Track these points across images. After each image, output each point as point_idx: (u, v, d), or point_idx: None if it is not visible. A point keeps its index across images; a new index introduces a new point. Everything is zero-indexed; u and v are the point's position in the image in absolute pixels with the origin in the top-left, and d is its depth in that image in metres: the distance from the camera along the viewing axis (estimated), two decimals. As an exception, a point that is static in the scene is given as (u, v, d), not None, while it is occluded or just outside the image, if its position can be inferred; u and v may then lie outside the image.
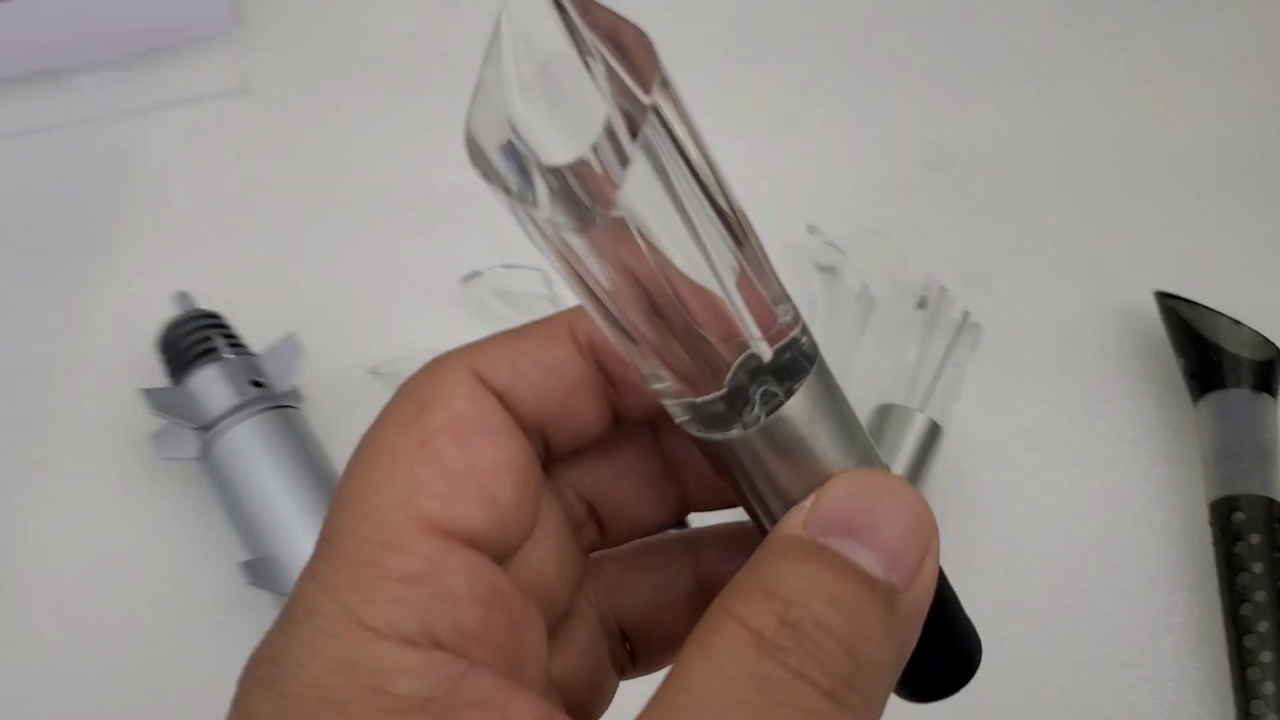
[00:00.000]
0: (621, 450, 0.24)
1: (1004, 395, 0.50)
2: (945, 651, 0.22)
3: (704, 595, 0.24)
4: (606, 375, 0.22)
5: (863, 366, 0.48)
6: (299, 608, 0.19)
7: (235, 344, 0.45)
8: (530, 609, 0.21)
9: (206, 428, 0.43)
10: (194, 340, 0.45)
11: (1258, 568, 0.42)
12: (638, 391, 0.22)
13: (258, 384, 0.44)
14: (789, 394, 0.19)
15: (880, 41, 0.60)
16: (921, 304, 0.48)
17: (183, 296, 0.47)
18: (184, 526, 0.46)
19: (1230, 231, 0.54)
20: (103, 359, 0.50)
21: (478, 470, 0.20)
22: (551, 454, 0.22)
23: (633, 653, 0.24)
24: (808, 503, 0.20)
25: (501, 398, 0.21)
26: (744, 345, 0.19)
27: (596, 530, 0.24)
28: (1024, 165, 0.56)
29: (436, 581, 0.19)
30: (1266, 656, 0.41)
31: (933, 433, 0.45)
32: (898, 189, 0.55)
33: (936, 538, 0.20)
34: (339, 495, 0.20)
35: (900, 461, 0.45)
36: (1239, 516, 0.43)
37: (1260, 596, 0.42)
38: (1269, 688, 0.41)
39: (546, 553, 0.22)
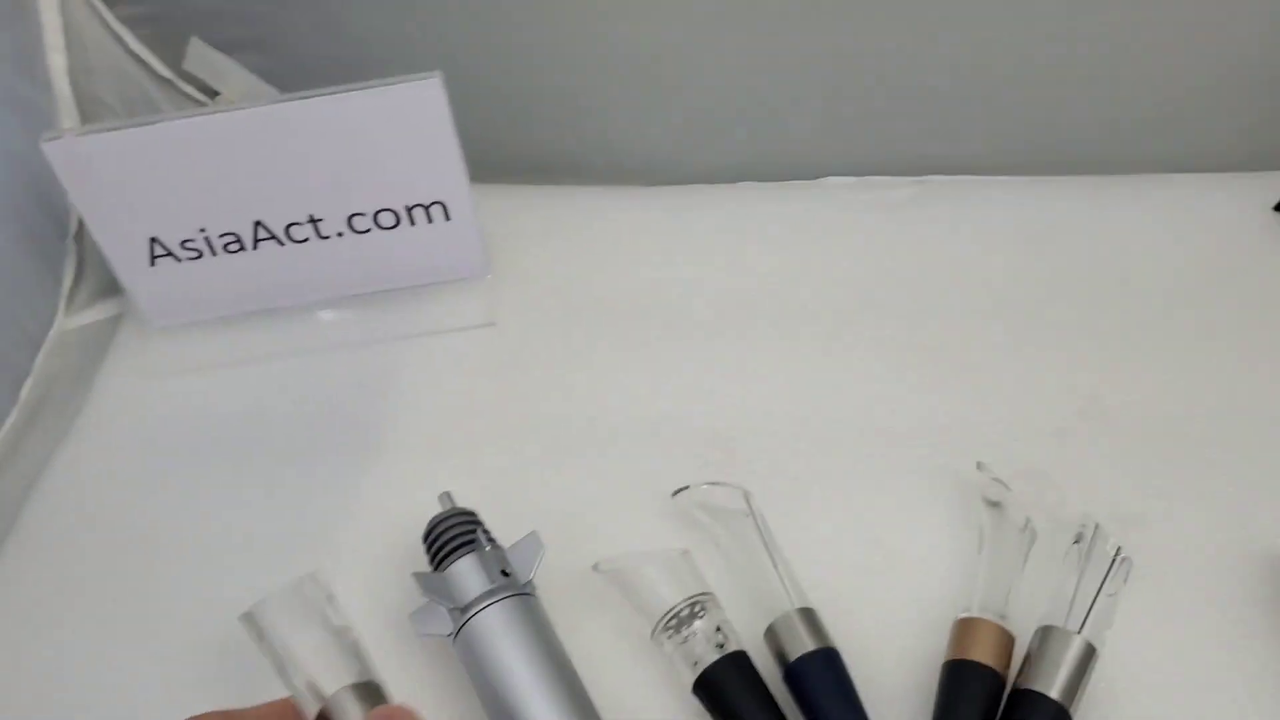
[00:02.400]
0: None
1: (1156, 624, 0.55)
2: None
3: None
4: None
5: (1024, 592, 0.54)
6: None
7: (490, 538, 0.54)
8: None
9: (463, 610, 0.51)
10: (457, 533, 0.54)
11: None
12: None
13: (505, 574, 0.52)
14: None
15: (1038, 299, 0.68)
16: (1078, 539, 0.54)
17: (445, 496, 0.56)
18: (435, 696, 0.54)
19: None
20: (369, 547, 0.60)
21: None
22: None
23: None
24: None
25: None
26: None
27: None
28: (1172, 416, 0.62)
29: None
30: None
31: (1088, 654, 0.50)
32: (1055, 434, 0.62)
33: None
34: None
35: (1058, 680, 0.50)
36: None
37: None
38: None
39: None
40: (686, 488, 0.59)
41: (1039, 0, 0.67)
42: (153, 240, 0.65)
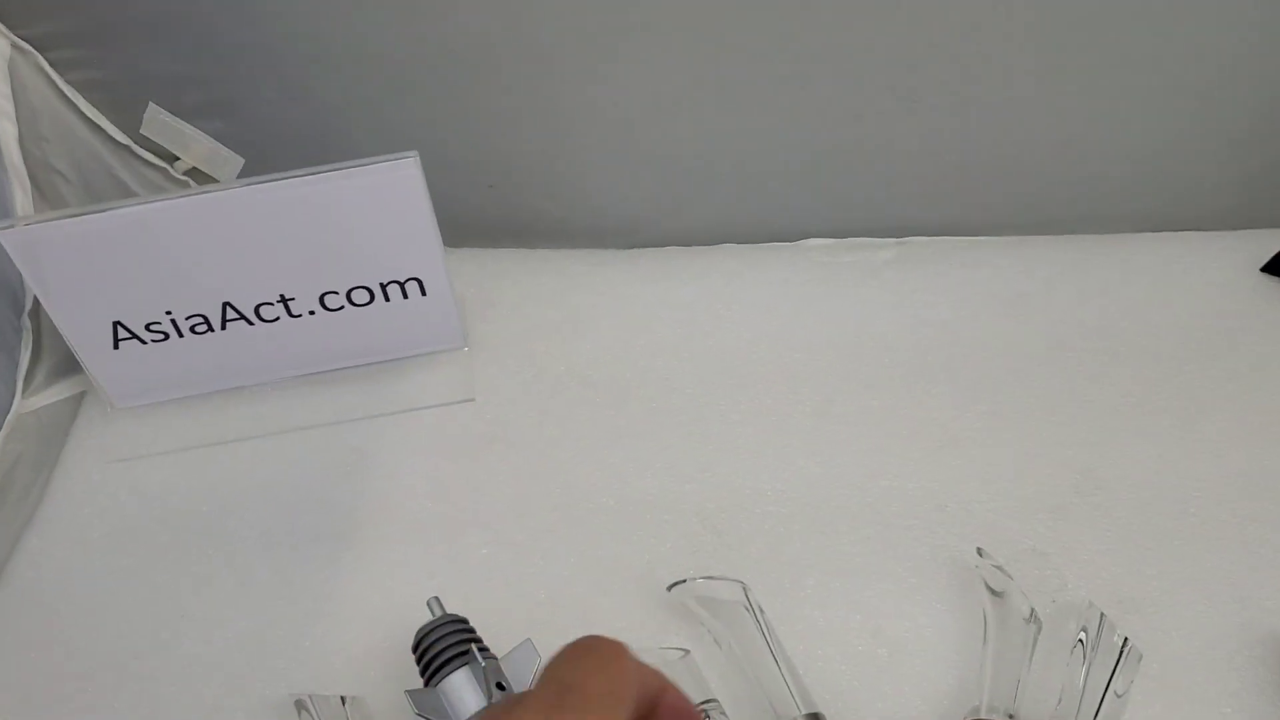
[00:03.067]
0: None
1: (1158, 713, 0.54)
2: None
3: None
4: None
5: (1032, 685, 0.53)
6: None
7: (482, 648, 0.52)
8: None
9: (458, 727, 0.49)
10: (448, 645, 0.51)
11: None
12: None
13: (501, 687, 0.51)
14: None
15: (1026, 366, 0.67)
16: (1084, 630, 0.54)
17: (434, 602, 0.54)
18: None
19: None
20: (353, 647, 0.57)
21: None
22: None
23: None
24: None
25: None
26: None
27: None
28: (1168, 491, 0.61)
29: None
30: None
31: None
32: (1052, 512, 0.61)
33: None
34: None
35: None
36: None
37: None
38: None
39: None
40: (682, 581, 0.57)
41: (1021, 62, 0.66)
42: (116, 324, 0.63)
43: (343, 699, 0.53)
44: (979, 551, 0.56)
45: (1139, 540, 0.60)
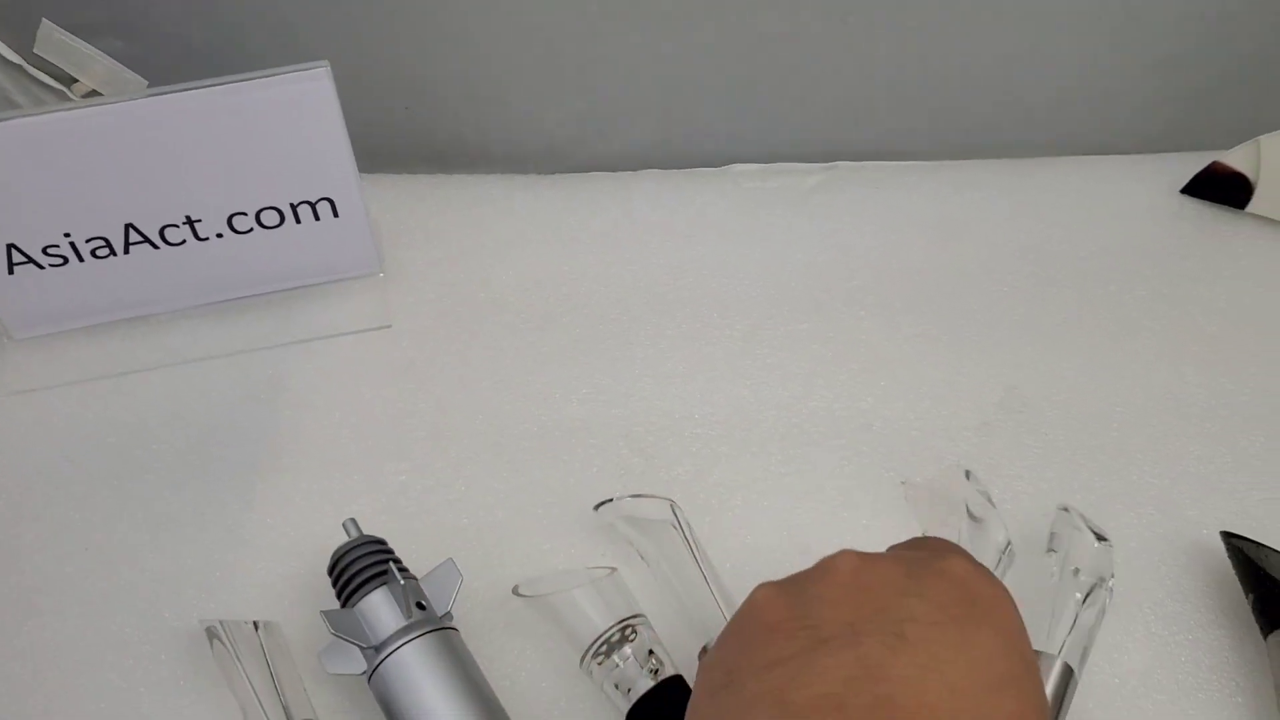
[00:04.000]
0: None
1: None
2: None
3: None
4: None
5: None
6: None
7: (402, 568, 0.50)
8: None
9: (377, 649, 0.48)
10: (366, 565, 0.50)
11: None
12: None
13: (421, 606, 0.49)
14: None
15: (952, 288, 0.67)
16: (1052, 546, 0.53)
17: (351, 523, 0.52)
18: (347, 737, 0.50)
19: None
20: (267, 575, 0.55)
21: None
22: None
23: None
24: None
25: None
26: None
27: None
28: (1092, 407, 0.61)
29: None
30: None
31: (1066, 676, 0.49)
32: (978, 429, 0.61)
33: None
34: None
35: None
36: (1313, 747, 0.47)
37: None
38: None
39: None
40: (610, 500, 0.56)
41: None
42: (10, 247, 0.60)
43: (255, 624, 0.51)
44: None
45: (1064, 456, 0.60)
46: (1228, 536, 0.54)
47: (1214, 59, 0.70)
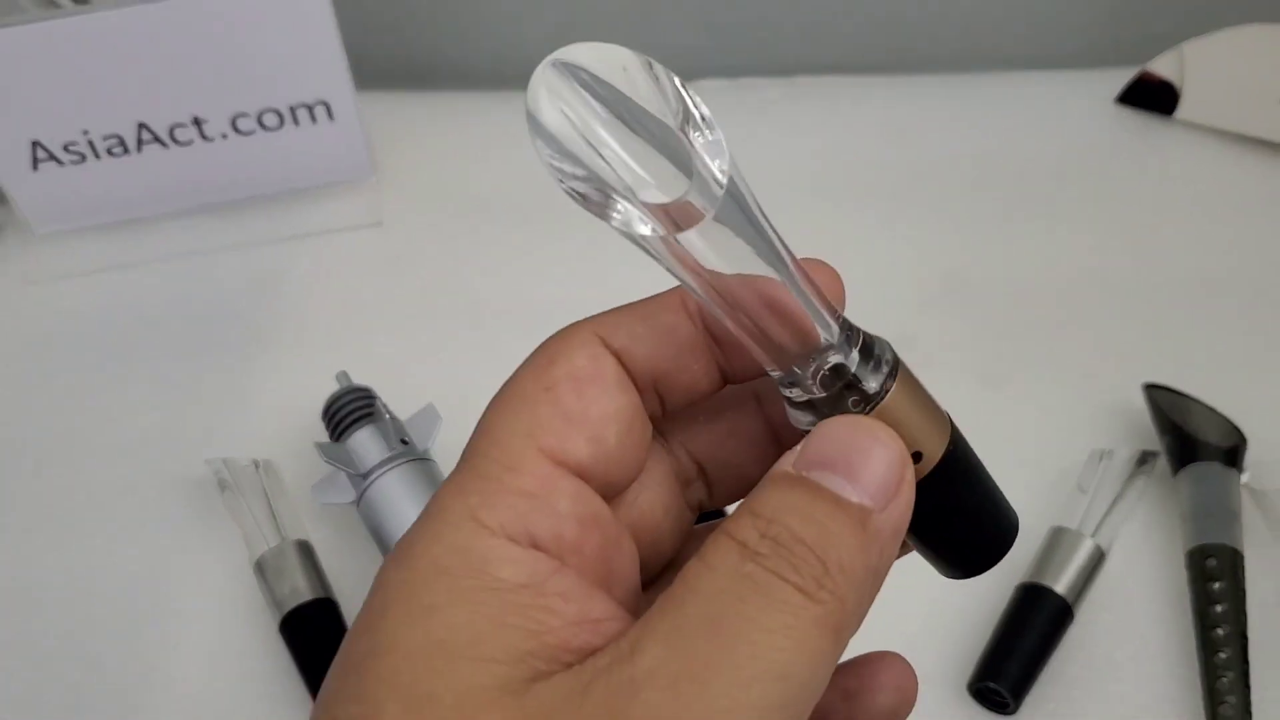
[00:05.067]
0: (728, 414, 0.28)
1: (1013, 471, 0.59)
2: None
3: (773, 435, 0.28)
4: (714, 339, 0.26)
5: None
6: (434, 505, 0.24)
7: (386, 410, 0.56)
8: (625, 538, 0.26)
9: (364, 476, 0.53)
10: (355, 406, 0.55)
11: (1224, 605, 0.51)
12: (743, 354, 0.26)
13: (404, 442, 0.54)
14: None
15: (902, 188, 0.72)
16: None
17: (343, 374, 0.58)
18: (338, 561, 0.56)
19: (1206, 338, 0.64)
20: (264, 429, 0.61)
21: (589, 415, 0.25)
22: (665, 410, 0.27)
23: (710, 489, 0.29)
24: (799, 445, 0.24)
25: (619, 357, 0.26)
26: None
27: (704, 488, 0.29)
28: (1027, 289, 0.67)
29: (544, 498, 0.24)
30: (1231, 675, 0.49)
31: (1097, 558, 0.53)
32: (921, 306, 0.66)
33: (910, 469, 0.24)
34: (479, 426, 0.26)
35: (1065, 579, 0.53)
36: (1211, 563, 0.52)
37: (1227, 627, 0.51)
38: (1233, 699, 0.49)
39: (653, 498, 0.27)
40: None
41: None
42: (35, 144, 0.65)
43: (255, 463, 0.56)
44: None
45: (1000, 330, 0.65)
46: (1149, 387, 0.59)
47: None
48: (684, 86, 0.24)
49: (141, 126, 0.66)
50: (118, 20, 0.62)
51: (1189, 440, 0.56)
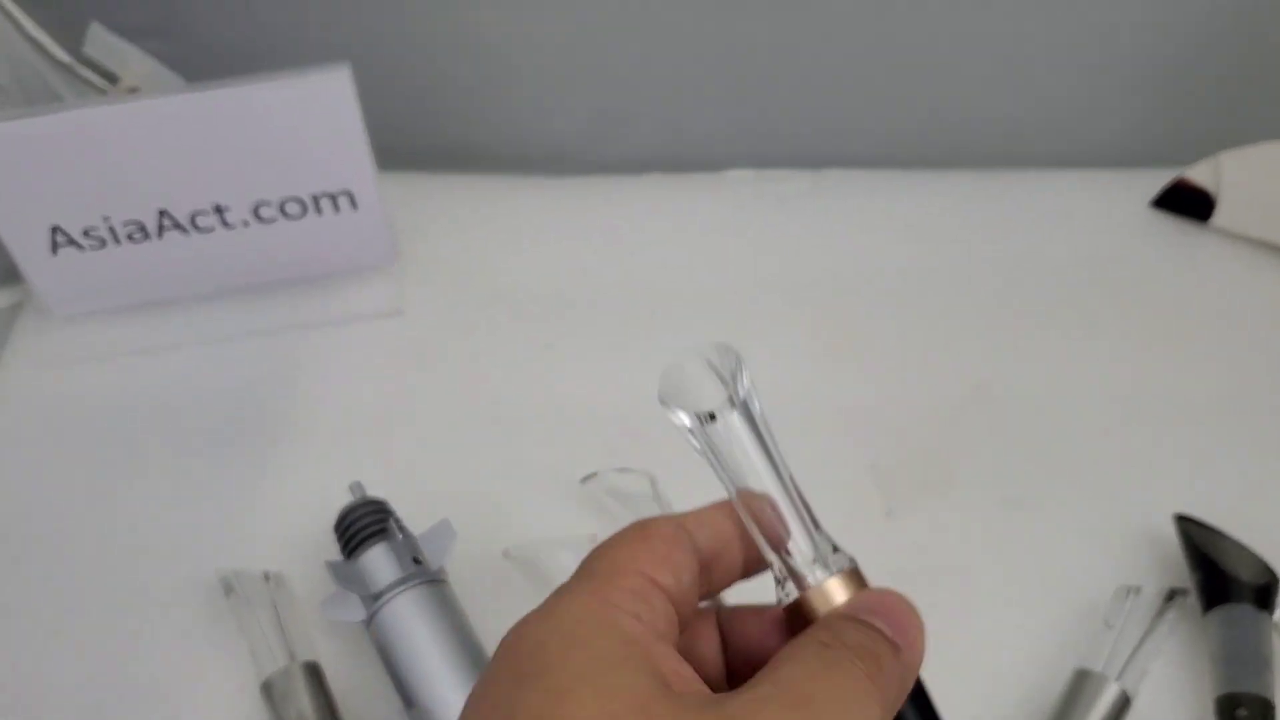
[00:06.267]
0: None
1: (1040, 595, 0.58)
2: None
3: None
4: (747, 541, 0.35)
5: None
6: (561, 590, 0.32)
7: (400, 526, 0.55)
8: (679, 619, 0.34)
9: (375, 597, 0.52)
10: (368, 522, 0.54)
11: (1255, 758, 0.50)
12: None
13: (417, 561, 0.54)
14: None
15: (929, 290, 0.71)
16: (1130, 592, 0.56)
17: (357, 485, 0.57)
18: (346, 679, 0.55)
19: (1239, 465, 0.63)
20: (279, 534, 0.60)
21: (672, 559, 0.33)
22: (712, 587, 0.36)
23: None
24: (851, 598, 0.33)
25: (691, 537, 0.35)
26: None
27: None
28: (1054, 404, 0.65)
29: (644, 596, 0.32)
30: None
31: (1122, 703, 0.52)
32: (947, 419, 0.65)
33: (923, 628, 0.33)
34: (591, 554, 0.33)
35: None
36: (1241, 713, 0.51)
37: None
38: None
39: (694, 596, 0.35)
40: (595, 474, 0.60)
41: (935, 2, 0.70)
42: (54, 229, 0.65)
43: (266, 575, 0.56)
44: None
45: (1025, 445, 0.64)
46: (1180, 519, 0.57)
47: (1187, 76, 0.74)
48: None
49: (163, 214, 0.65)
50: (141, 111, 0.61)
51: (1220, 578, 0.55)
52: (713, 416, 0.35)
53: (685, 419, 0.35)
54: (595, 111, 0.76)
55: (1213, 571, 0.55)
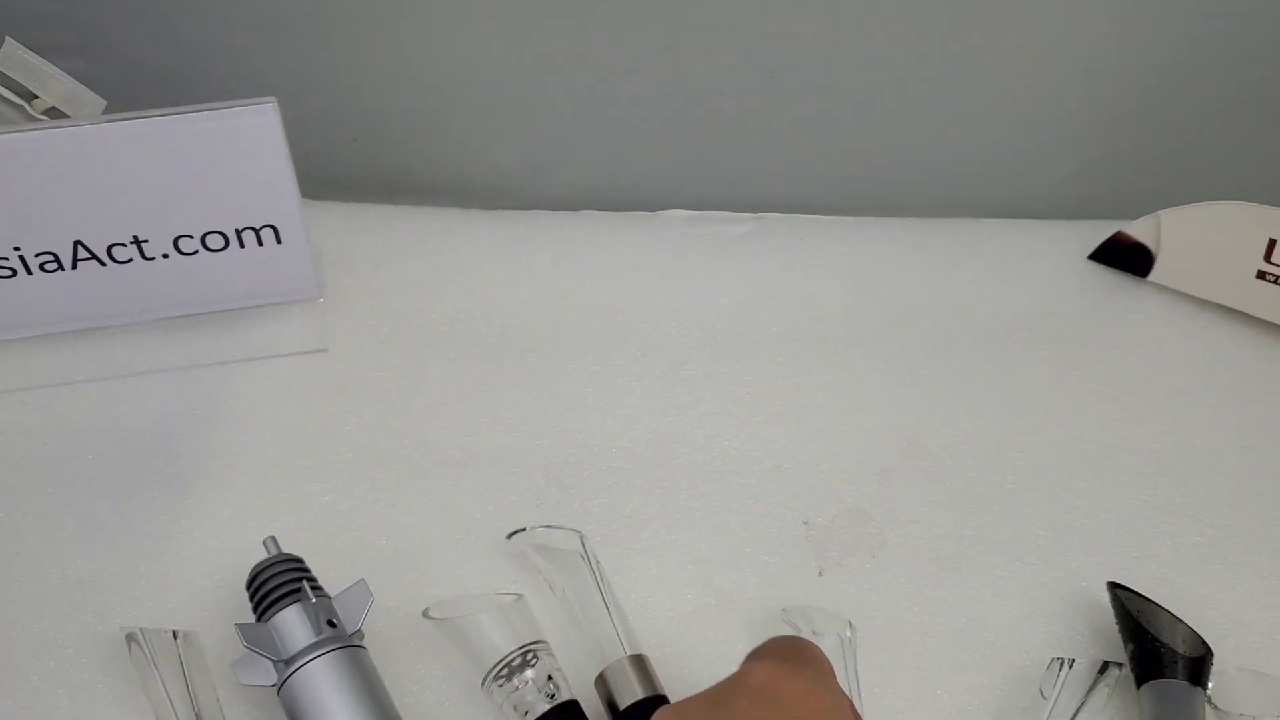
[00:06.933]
0: None
1: (933, 664, 0.57)
2: None
3: None
4: None
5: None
6: None
7: (315, 587, 0.53)
8: None
9: (287, 662, 0.50)
10: (281, 582, 0.52)
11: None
12: None
13: (332, 624, 0.52)
14: None
15: (870, 346, 0.70)
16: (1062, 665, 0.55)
17: (271, 541, 0.55)
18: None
19: (1173, 529, 0.62)
20: (191, 587, 0.58)
21: None
22: None
23: None
24: None
25: None
26: None
27: None
28: (988, 461, 0.65)
29: None
30: None
31: None
32: (879, 474, 0.64)
33: None
34: None
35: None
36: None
37: None
38: None
39: None
40: (522, 530, 0.58)
41: (880, 54, 0.69)
42: (-39, 258, 0.62)
43: (174, 633, 0.53)
44: (783, 611, 0.57)
45: (958, 504, 0.63)
46: (1114, 587, 0.57)
47: (1127, 131, 0.74)
48: None
49: (78, 244, 0.63)
50: (58, 138, 0.59)
51: (1154, 651, 0.55)
52: None
53: None
54: (533, 146, 0.75)
55: (1147, 644, 0.55)
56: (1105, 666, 0.55)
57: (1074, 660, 0.55)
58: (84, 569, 0.59)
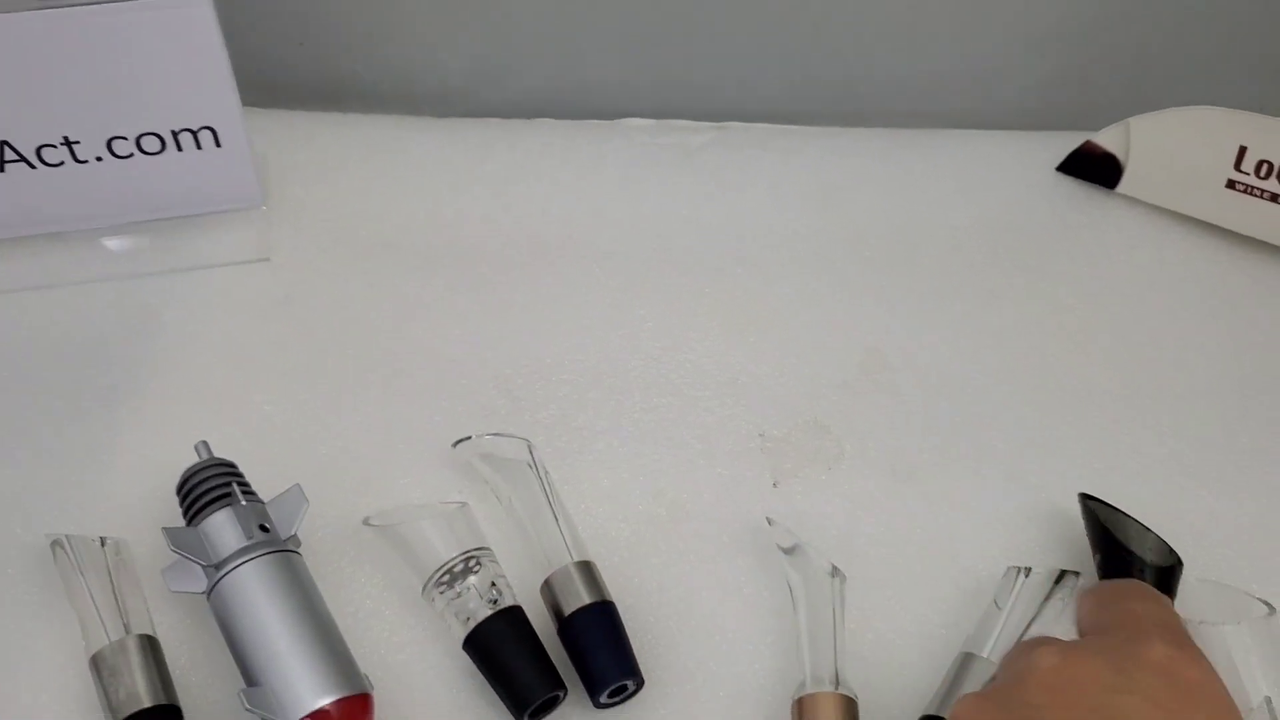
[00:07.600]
0: None
1: (928, 571, 0.56)
2: None
3: None
4: None
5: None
6: None
7: (247, 491, 0.51)
8: None
9: (216, 567, 0.48)
10: (211, 486, 0.50)
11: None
12: None
13: (264, 529, 0.50)
14: None
15: (829, 252, 0.68)
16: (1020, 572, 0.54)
17: (202, 445, 0.53)
18: (188, 653, 0.51)
19: (1137, 444, 0.61)
20: (124, 496, 0.56)
21: None
22: None
23: None
24: None
25: None
26: None
27: None
28: (950, 375, 0.63)
29: None
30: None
31: None
32: (838, 388, 0.62)
33: None
34: None
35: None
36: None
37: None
38: None
39: None
40: (468, 438, 0.57)
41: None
42: (-121, 157, 0.59)
43: (102, 540, 0.51)
44: (768, 520, 0.55)
45: (918, 418, 0.62)
46: (1085, 498, 0.56)
47: (1096, 40, 0.72)
48: None
49: (5, 144, 0.60)
50: (-21, 30, 0.56)
51: (1123, 559, 0.53)
52: None
53: None
54: (484, 50, 0.72)
55: (1116, 552, 0.54)
56: (1062, 575, 0.53)
57: (1030, 569, 0.54)
58: (11, 478, 0.56)
